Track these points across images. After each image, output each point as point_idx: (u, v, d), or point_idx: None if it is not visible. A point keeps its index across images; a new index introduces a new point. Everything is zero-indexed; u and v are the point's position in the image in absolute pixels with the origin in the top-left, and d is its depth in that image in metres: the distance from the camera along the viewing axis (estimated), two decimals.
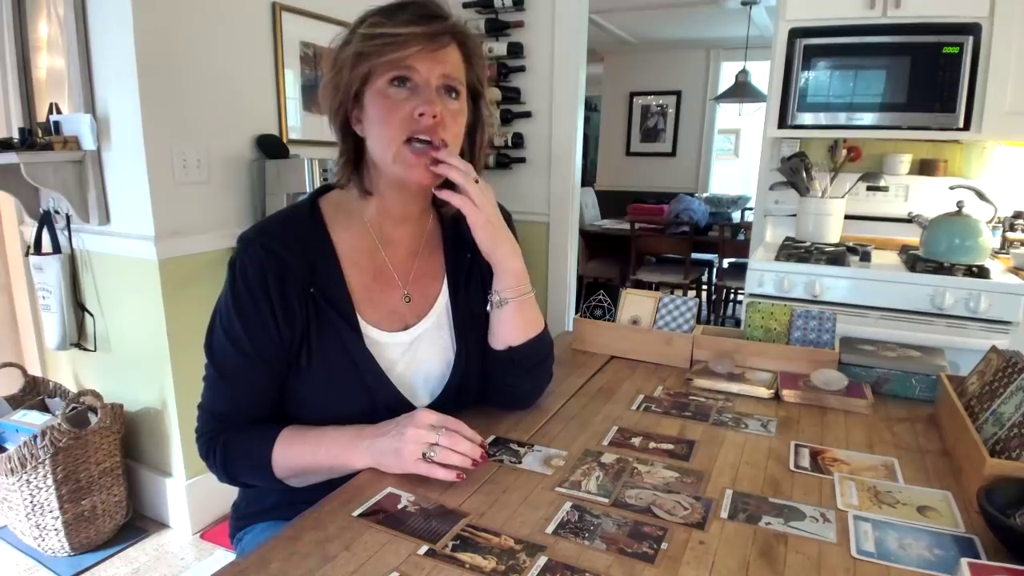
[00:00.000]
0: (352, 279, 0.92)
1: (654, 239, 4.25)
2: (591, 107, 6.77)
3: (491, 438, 0.94)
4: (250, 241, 0.88)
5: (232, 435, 0.89)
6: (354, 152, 0.91)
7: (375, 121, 0.85)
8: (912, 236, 2.31)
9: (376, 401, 0.91)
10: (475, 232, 0.90)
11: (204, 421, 0.91)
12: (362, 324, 0.91)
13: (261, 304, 0.86)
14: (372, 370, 0.90)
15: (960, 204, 2.07)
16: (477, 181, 0.87)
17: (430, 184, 0.87)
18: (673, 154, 6.18)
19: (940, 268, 2.00)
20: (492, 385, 1.01)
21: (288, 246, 0.88)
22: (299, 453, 0.86)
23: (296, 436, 0.87)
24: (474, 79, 0.90)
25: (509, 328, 0.95)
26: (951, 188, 2.23)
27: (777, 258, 2.17)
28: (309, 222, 0.92)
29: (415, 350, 0.95)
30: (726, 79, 5.63)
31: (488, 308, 0.95)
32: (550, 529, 0.72)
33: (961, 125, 2.06)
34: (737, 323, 3.91)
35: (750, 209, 4.33)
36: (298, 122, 2.35)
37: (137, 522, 2.13)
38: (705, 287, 4.71)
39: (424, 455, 0.79)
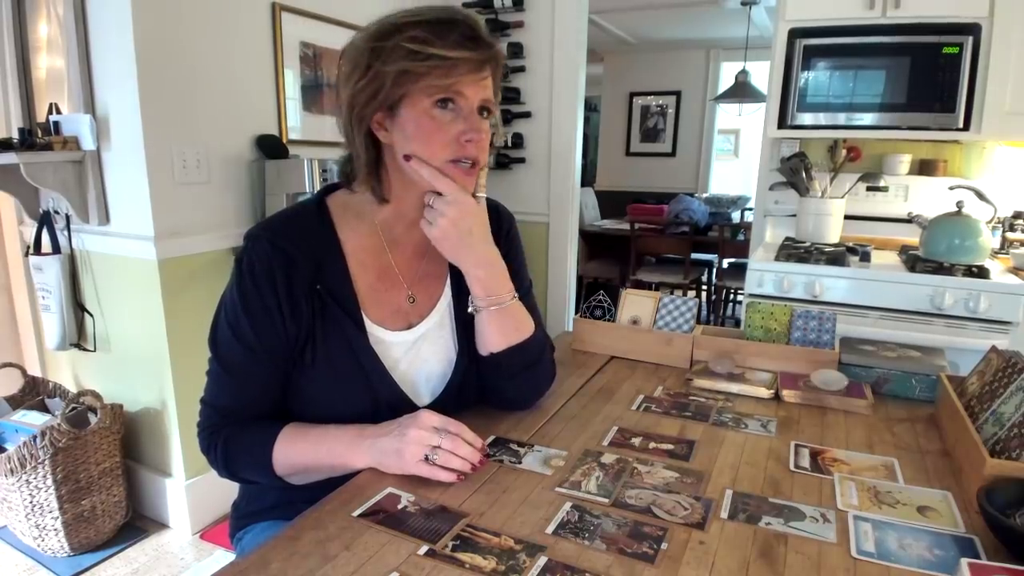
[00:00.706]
0: (358, 277, 0.92)
1: (654, 239, 4.25)
2: (591, 107, 6.77)
3: (491, 438, 0.94)
4: (257, 238, 0.88)
5: (234, 431, 0.89)
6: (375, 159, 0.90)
7: (415, 139, 0.84)
8: (912, 236, 2.31)
9: (378, 399, 0.91)
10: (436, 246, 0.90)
11: (206, 416, 0.91)
12: (367, 322, 0.91)
13: (268, 300, 0.86)
14: (376, 368, 0.91)
15: (960, 204, 2.07)
16: (475, 195, 0.88)
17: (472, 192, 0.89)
18: (673, 154, 6.18)
19: (940, 268, 2.00)
20: (486, 387, 1.01)
21: (295, 243, 0.88)
22: (300, 451, 0.86)
23: (298, 434, 0.87)
24: (496, 91, 0.91)
25: (487, 335, 0.95)
26: (951, 188, 2.23)
27: (777, 258, 2.17)
28: (316, 220, 0.92)
29: (418, 349, 0.96)
30: (726, 79, 5.63)
31: (469, 310, 0.95)
32: (550, 529, 0.72)
33: (961, 125, 2.06)
34: (737, 323, 3.90)
35: (750, 209, 4.32)
36: (298, 122, 2.35)
37: (137, 522, 2.13)
38: (705, 287, 4.71)
39: (426, 457, 0.80)
